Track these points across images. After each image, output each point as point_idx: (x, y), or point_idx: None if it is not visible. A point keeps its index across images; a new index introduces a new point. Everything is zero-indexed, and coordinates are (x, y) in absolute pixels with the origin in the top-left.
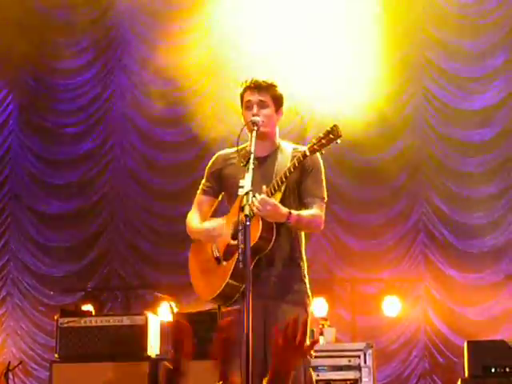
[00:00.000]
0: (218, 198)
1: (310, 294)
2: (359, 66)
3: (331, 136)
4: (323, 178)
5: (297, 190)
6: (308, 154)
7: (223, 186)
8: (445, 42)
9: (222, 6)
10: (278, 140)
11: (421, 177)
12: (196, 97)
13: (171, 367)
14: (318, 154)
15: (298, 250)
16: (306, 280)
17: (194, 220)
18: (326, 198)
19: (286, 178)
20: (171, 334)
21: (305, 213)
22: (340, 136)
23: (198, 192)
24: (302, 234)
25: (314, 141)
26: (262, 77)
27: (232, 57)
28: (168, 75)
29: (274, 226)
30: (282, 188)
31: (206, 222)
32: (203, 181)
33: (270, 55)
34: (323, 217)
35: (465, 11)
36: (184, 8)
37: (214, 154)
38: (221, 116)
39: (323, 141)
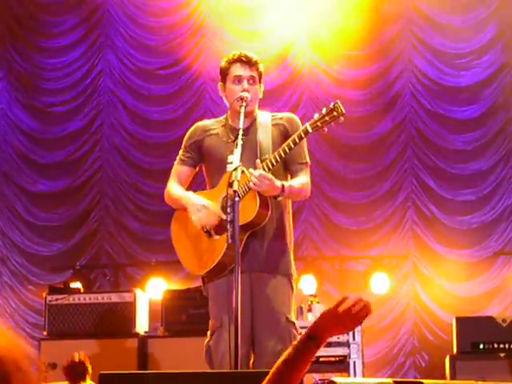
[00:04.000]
0: (196, 168)
1: (294, 266)
2: (348, 43)
3: (334, 113)
4: (305, 141)
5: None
6: (310, 131)
7: (203, 157)
8: (433, 18)
9: None
10: (257, 111)
11: (409, 154)
12: (184, 74)
13: None
14: (296, 117)
15: (285, 224)
16: (291, 252)
17: (176, 189)
18: (309, 162)
19: (284, 154)
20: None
21: (295, 183)
22: (343, 113)
23: (176, 162)
24: (289, 207)
25: (317, 118)
26: (247, 52)
27: (221, 34)
28: (156, 53)
29: (270, 202)
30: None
31: (192, 194)
32: (181, 151)
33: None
34: (310, 183)
35: None
36: None
37: None
38: (209, 93)
39: (326, 118)
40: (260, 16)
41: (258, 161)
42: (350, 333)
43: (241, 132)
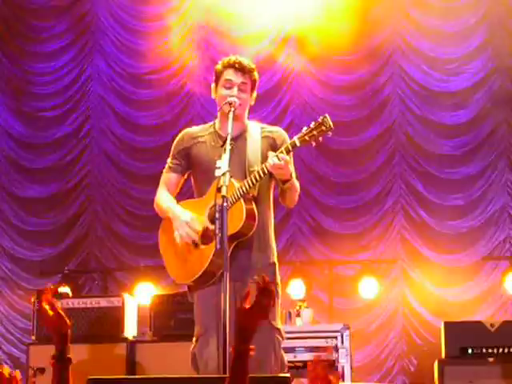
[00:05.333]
0: (184, 175)
1: (278, 275)
2: (336, 48)
3: (323, 128)
4: (292, 154)
5: None
6: (298, 144)
7: (191, 165)
8: (422, 23)
9: None
10: (246, 121)
11: (398, 158)
12: (174, 79)
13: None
14: (285, 133)
15: (269, 234)
16: (276, 262)
17: (164, 199)
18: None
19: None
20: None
21: (295, 181)
22: (331, 128)
23: (165, 170)
24: (272, 215)
25: (305, 131)
26: (244, 58)
27: (210, 39)
28: (145, 58)
29: (256, 213)
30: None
31: (178, 208)
32: (169, 159)
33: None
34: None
35: None
36: None
37: None
38: (198, 98)
39: (314, 132)
40: (249, 21)
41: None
42: (339, 337)
43: (229, 137)
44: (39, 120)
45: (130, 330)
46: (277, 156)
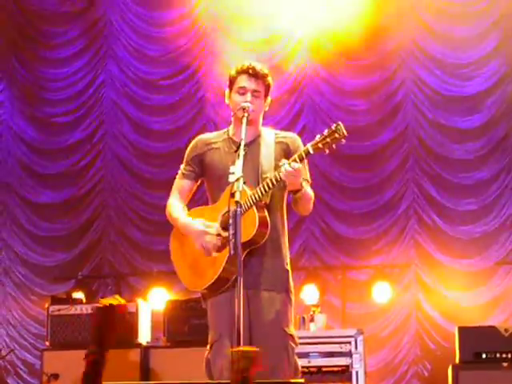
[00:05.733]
0: (197, 182)
1: (292, 281)
2: (349, 53)
3: (336, 135)
4: (305, 160)
5: None
6: (312, 152)
7: (205, 171)
8: (435, 28)
9: None
10: (261, 127)
11: (411, 163)
12: (186, 84)
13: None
14: (299, 138)
15: (283, 241)
16: (289, 268)
17: (176, 207)
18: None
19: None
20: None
21: (309, 189)
22: (345, 136)
23: (178, 177)
24: (285, 222)
25: (318, 139)
26: (258, 63)
27: (223, 44)
28: (158, 63)
29: (269, 221)
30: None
31: (190, 220)
32: (183, 165)
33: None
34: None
35: None
36: None
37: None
38: (212, 103)
39: (328, 139)
40: (261, 26)
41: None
42: (353, 343)
43: (243, 142)
44: (52, 126)
45: (144, 336)
46: (289, 163)
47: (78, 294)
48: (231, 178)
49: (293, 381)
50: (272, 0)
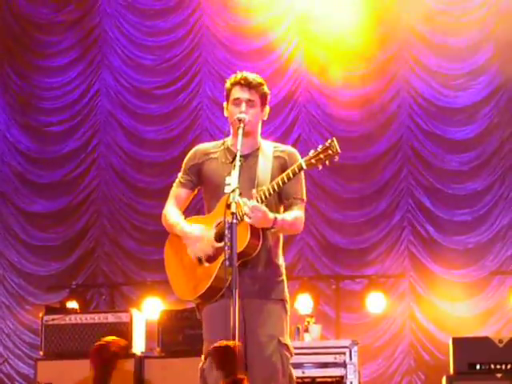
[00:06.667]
0: (194, 191)
1: (287, 293)
2: (344, 63)
3: (329, 152)
4: (303, 177)
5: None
6: (304, 167)
7: (202, 181)
8: (430, 39)
9: (206, 1)
10: (260, 139)
11: (405, 173)
12: (181, 94)
13: None
14: (297, 153)
15: (277, 251)
16: (284, 279)
17: (172, 214)
18: (306, 199)
19: (278, 188)
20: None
21: (288, 217)
22: (338, 153)
23: (175, 185)
24: (281, 235)
25: (311, 154)
26: (251, 73)
27: (217, 54)
28: (153, 72)
29: (261, 233)
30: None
31: (186, 225)
32: (180, 174)
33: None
34: (303, 218)
35: (450, 8)
36: (169, 5)
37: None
38: (206, 113)
39: (321, 155)
40: (256, 35)
41: (254, 191)
42: (347, 353)
43: (238, 153)
44: (47, 135)
45: (138, 346)
46: (252, 206)
47: (72, 304)
48: (227, 189)
49: None
50: (267, 10)
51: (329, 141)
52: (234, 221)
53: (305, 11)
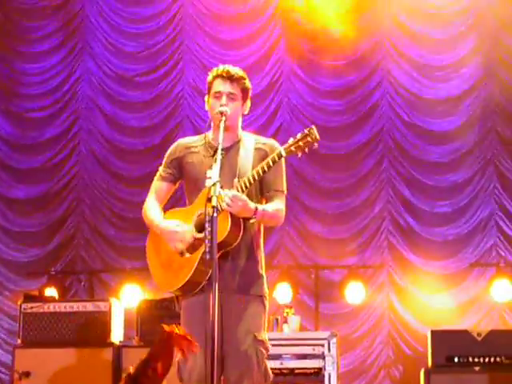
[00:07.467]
0: (175, 185)
1: (266, 286)
2: (326, 53)
3: (308, 139)
4: (284, 170)
5: (258, 182)
6: (284, 154)
7: (183, 174)
8: (412, 29)
9: None
10: (241, 132)
11: (386, 164)
12: (162, 81)
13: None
14: (278, 145)
15: (258, 244)
16: (264, 273)
17: (152, 209)
18: (286, 191)
19: (258, 176)
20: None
21: (269, 208)
22: (317, 140)
23: (156, 178)
24: (262, 227)
25: (291, 142)
26: (233, 67)
27: (199, 42)
28: (135, 59)
29: (242, 222)
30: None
31: (162, 221)
32: (162, 167)
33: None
34: (284, 210)
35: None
36: None
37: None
38: (187, 101)
39: (300, 143)
40: (238, 24)
41: (236, 180)
42: (326, 345)
43: (220, 147)
44: (28, 121)
45: (117, 335)
46: (232, 195)
47: (51, 291)
48: (208, 183)
49: None
50: None
51: (308, 128)
52: (215, 214)
53: (288, 0)
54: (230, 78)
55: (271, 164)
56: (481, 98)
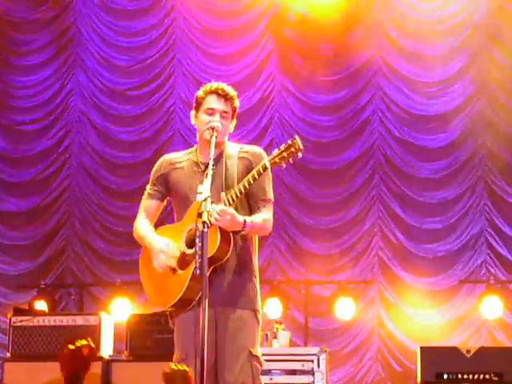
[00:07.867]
0: (164, 202)
1: (260, 301)
2: (318, 68)
3: (292, 149)
4: (270, 178)
5: (244, 193)
6: (268, 166)
7: (170, 190)
8: (404, 46)
9: (182, 3)
10: (226, 143)
11: (377, 180)
12: (154, 95)
13: None
14: (262, 152)
15: (250, 257)
16: (258, 286)
17: (142, 226)
18: (273, 199)
19: (244, 189)
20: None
21: (257, 219)
22: (301, 150)
23: (144, 197)
24: (255, 240)
25: (275, 153)
26: (226, 85)
27: (191, 56)
28: (127, 73)
29: (232, 237)
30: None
31: (152, 237)
32: (149, 185)
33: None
34: (272, 219)
35: (424, 16)
36: (144, 6)
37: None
38: (179, 115)
39: (284, 154)
40: (231, 39)
41: (223, 194)
42: (315, 361)
43: (211, 162)
44: (19, 134)
45: (106, 349)
46: (220, 210)
47: (41, 304)
48: (199, 198)
49: None
50: (241, 14)
51: (292, 139)
52: (206, 230)
53: (279, 16)
54: (224, 96)
55: (256, 177)
56: (472, 114)
